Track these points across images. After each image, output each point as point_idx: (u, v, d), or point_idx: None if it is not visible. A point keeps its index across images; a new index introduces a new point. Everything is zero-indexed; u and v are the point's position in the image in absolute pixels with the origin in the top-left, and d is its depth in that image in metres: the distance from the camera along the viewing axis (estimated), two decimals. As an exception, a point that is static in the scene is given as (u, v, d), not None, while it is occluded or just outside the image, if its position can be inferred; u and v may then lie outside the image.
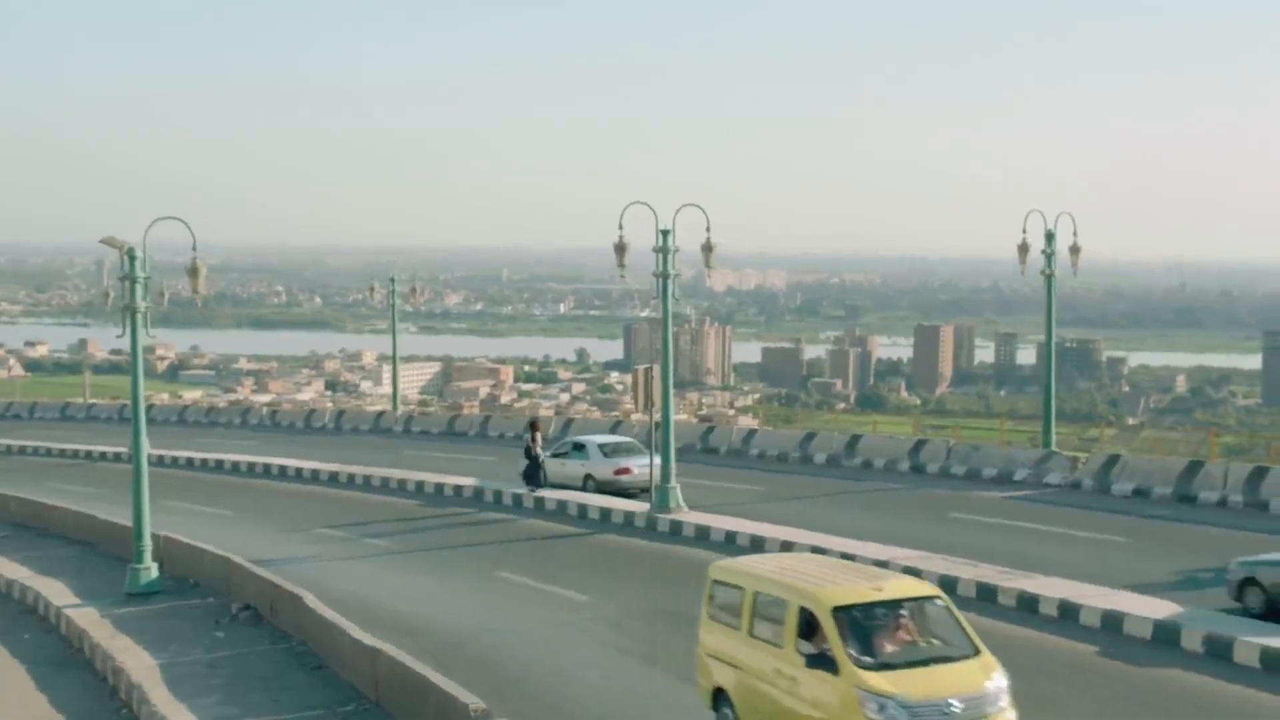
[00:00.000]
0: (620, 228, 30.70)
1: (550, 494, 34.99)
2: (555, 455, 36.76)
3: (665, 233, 30.81)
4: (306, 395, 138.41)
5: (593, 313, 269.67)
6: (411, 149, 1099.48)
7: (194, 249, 26.07)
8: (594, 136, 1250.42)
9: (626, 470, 35.14)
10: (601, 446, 36.36)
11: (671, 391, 32.38)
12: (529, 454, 35.69)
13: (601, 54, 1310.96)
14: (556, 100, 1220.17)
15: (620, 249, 30.89)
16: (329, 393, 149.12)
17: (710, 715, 16.69)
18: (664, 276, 31.21)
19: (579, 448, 36.53)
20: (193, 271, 26.34)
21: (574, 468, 36.01)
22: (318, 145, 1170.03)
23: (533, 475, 35.55)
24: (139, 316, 26.61)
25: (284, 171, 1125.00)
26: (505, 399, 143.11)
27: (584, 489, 35.32)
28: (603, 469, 35.44)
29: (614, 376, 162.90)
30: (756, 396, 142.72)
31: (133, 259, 26.43)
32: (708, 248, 31.02)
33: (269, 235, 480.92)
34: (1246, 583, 21.42)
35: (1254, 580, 21.30)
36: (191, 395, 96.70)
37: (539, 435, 36.25)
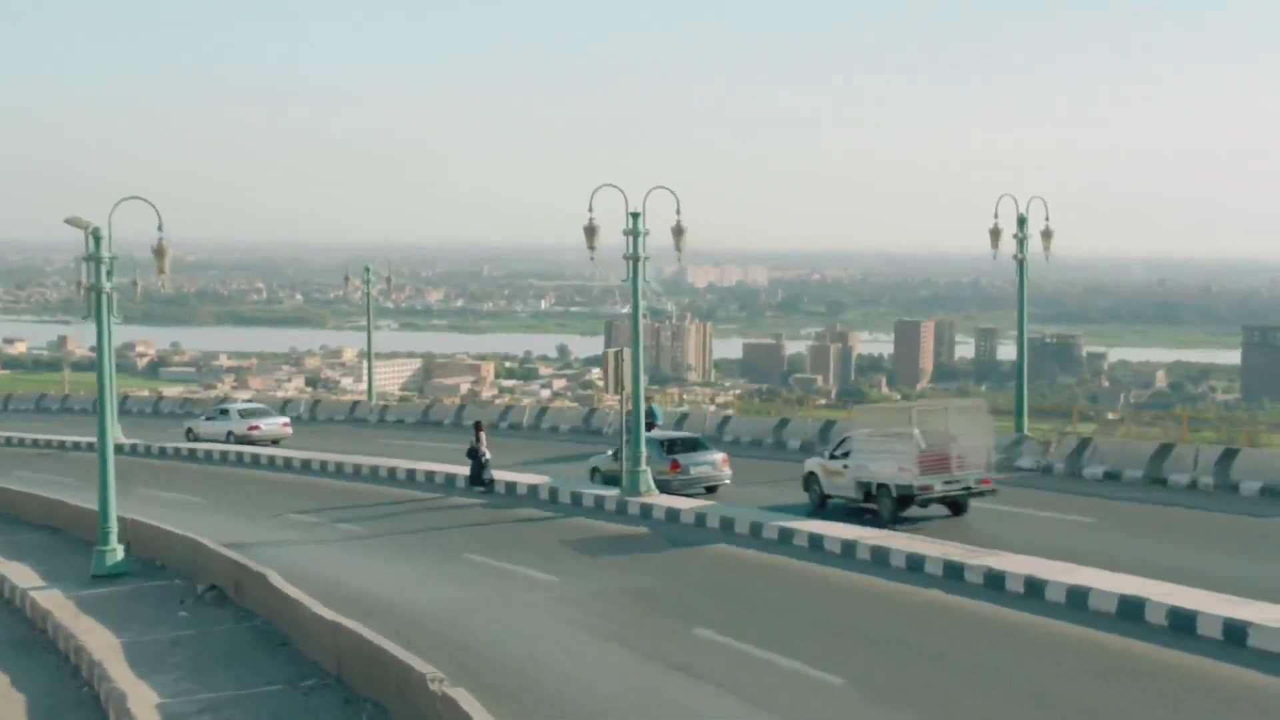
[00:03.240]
0: (590, 210, 30.42)
1: (255, 450, 43.90)
2: (208, 419, 48.28)
3: (635, 215, 30.58)
4: (287, 392, 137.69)
5: (574, 309, 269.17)
6: (394, 146, 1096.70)
7: (160, 229, 25.99)
8: (577, 133, 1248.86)
9: (256, 427, 46.47)
10: (240, 410, 48.38)
11: (643, 374, 32.28)
12: (474, 454, 35.23)
13: (587, 50, 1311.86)
14: (540, 97, 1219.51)
15: (590, 232, 30.60)
16: (309, 389, 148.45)
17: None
18: (634, 259, 31.01)
19: (224, 412, 48.44)
20: (159, 252, 26.29)
21: (220, 426, 47.05)
22: (298, 143, 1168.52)
23: (477, 475, 35.30)
24: (104, 298, 26.47)
25: (265, 168, 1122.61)
26: (486, 395, 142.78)
27: (227, 441, 45.72)
28: (239, 426, 46.53)
29: (595, 373, 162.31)
30: (738, 392, 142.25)
31: (97, 239, 26.28)
32: (678, 230, 30.84)
33: (250, 232, 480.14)
34: (594, 471, 33.57)
35: (597, 469, 33.34)
36: (171, 392, 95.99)
37: (484, 436, 35.84)
